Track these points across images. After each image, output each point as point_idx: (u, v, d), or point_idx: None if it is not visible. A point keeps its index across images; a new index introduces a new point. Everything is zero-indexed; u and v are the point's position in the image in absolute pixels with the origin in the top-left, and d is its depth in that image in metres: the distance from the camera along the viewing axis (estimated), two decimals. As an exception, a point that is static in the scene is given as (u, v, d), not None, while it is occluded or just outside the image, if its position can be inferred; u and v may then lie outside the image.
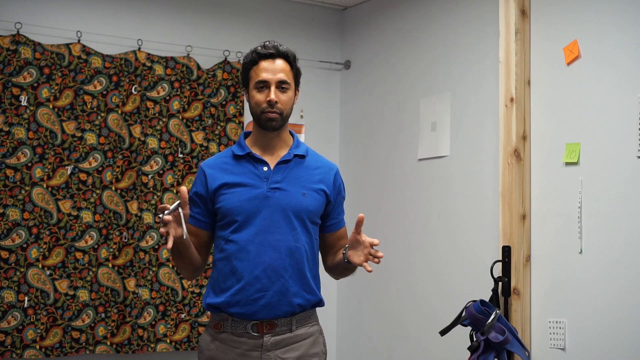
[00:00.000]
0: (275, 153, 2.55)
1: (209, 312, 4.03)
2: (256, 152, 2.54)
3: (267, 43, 2.53)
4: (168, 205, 2.28)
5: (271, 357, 2.43)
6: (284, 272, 2.43)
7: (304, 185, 2.52)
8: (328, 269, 2.65)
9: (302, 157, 2.58)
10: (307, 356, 2.49)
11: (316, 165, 2.60)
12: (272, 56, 2.51)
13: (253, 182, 2.48)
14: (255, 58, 2.51)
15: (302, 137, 4.46)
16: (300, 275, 2.46)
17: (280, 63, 2.50)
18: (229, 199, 2.47)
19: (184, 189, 2.28)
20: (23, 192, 3.67)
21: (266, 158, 2.53)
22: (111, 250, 3.83)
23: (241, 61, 4.25)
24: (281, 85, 2.49)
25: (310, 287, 2.50)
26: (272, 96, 2.46)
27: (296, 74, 2.57)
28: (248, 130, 2.64)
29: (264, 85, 2.48)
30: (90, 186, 3.81)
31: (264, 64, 2.50)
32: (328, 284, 4.47)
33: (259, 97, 2.48)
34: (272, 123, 2.49)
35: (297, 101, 2.60)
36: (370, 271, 2.38)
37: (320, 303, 2.57)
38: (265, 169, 2.50)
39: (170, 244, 2.27)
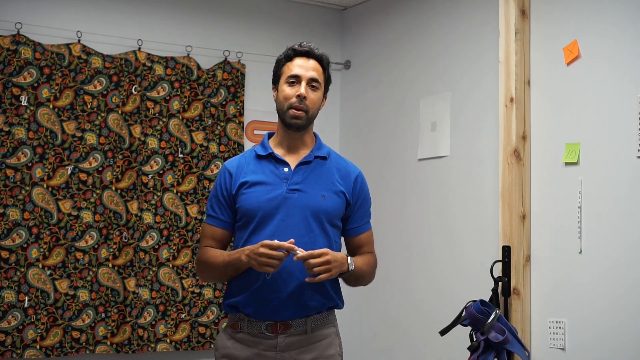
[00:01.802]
0: (297, 153, 2.55)
1: (211, 310, 4.04)
2: (279, 152, 2.54)
3: (304, 43, 2.57)
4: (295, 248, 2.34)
5: (286, 357, 2.44)
6: (299, 274, 2.41)
7: (324, 187, 2.52)
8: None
9: (324, 158, 2.57)
10: (322, 358, 2.48)
11: (338, 167, 2.59)
12: (307, 54, 2.55)
13: (273, 182, 2.49)
14: (290, 54, 2.55)
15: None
16: None
17: (313, 63, 2.54)
18: (248, 199, 2.48)
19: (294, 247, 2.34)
20: (23, 192, 3.67)
21: (288, 159, 2.53)
22: (111, 250, 3.83)
23: (276, 58, 4.25)
24: (312, 83, 2.51)
25: (326, 289, 2.49)
26: (302, 90, 2.48)
27: (327, 79, 2.59)
28: (272, 131, 2.64)
29: (295, 80, 2.50)
30: (90, 186, 3.82)
31: (299, 60, 2.53)
32: (328, 284, 4.49)
33: (289, 91, 2.50)
34: (297, 121, 2.49)
35: (323, 107, 2.61)
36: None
37: (337, 306, 2.56)
38: (286, 169, 2.51)
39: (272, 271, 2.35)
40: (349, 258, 2.48)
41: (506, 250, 3.25)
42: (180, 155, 4.04)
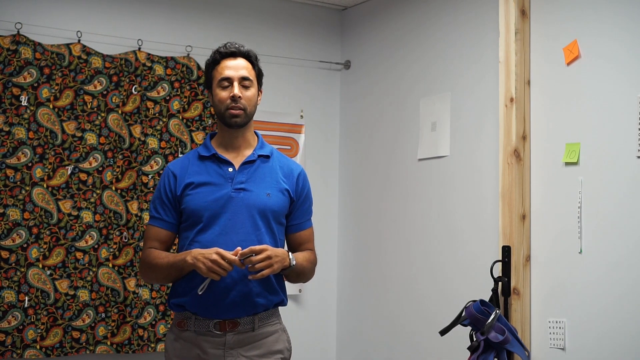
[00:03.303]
0: (240, 153, 2.59)
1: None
2: (221, 152, 2.58)
3: (229, 44, 2.60)
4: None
5: (234, 355, 2.48)
6: (247, 273, 2.44)
7: (269, 185, 2.56)
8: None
9: (267, 157, 2.62)
10: (270, 353, 2.53)
11: (281, 165, 2.64)
12: (233, 55, 2.58)
13: (218, 183, 2.52)
14: (217, 58, 2.58)
15: (301, 137, 4.46)
16: None
17: (242, 61, 2.57)
18: (194, 200, 2.51)
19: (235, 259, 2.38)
20: (23, 192, 3.67)
21: (231, 158, 2.57)
22: (111, 250, 3.83)
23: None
24: (243, 82, 2.55)
25: (273, 287, 2.54)
26: (236, 91, 2.52)
27: (258, 74, 2.64)
28: (214, 132, 2.68)
29: (227, 82, 2.53)
30: (90, 186, 3.82)
31: (226, 62, 2.56)
32: (328, 285, 4.49)
33: (223, 94, 2.54)
34: (236, 120, 2.53)
35: (260, 102, 2.66)
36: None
37: (282, 302, 2.60)
38: (230, 169, 2.54)
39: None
40: (290, 253, 2.52)
41: (506, 250, 3.25)
42: (181, 155, 4.04)
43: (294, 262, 2.51)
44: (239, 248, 2.39)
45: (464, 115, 3.73)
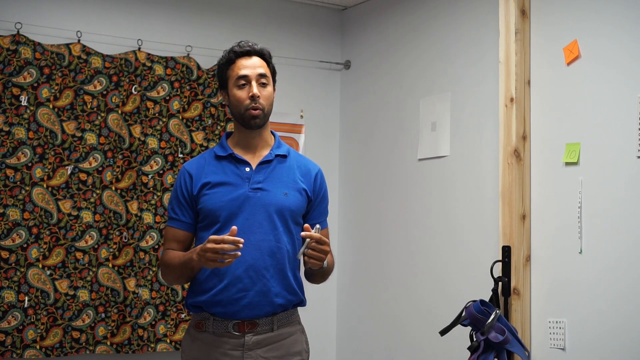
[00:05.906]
0: (257, 153, 2.57)
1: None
2: (238, 152, 2.56)
3: (242, 42, 2.58)
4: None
5: (253, 356, 2.45)
6: (265, 272, 2.44)
7: (286, 185, 2.54)
8: (305, 274, 2.64)
9: (284, 156, 2.59)
10: (289, 355, 2.51)
11: (298, 165, 2.61)
12: (248, 53, 2.56)
13: (235, 182, 2.50)
14: (232, 57, 2.56)
15: (302, 137, 4.46)
16: (282, 276, 2.47)
17: (257, 60, 2.55)
18: (211, 200, 2.49)
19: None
20: (23, 192, 3.67)
21: (248, 158, 2.55)
22: (111, 250, 3.83)
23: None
24: (261, 80, 2.52)
25: (292, 287, 2.52)
26: (255, 90, 2.49)
27: (273, 71, 2.61)
28: (230, 131, 2.66)
29: (244, 81, 2.51)
30: (90, 186, 3.82)
31: (242, 61, 2.54)
32: (328, 285, 4.48)
33: (241, 94, 2.51)
34: (255, 120, 2.51)
35: (274, 99, 2.62)
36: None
37: (301, 303, 2.58)
38: (247, 169, 2.52)
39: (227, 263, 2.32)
40: None
41: (506, 250, 3.25)
42: (180, 155, 4.04)
43: (326, 265, 2.48)
44: (234, 227, 2.31)
45: (464, 115, 3.73)
